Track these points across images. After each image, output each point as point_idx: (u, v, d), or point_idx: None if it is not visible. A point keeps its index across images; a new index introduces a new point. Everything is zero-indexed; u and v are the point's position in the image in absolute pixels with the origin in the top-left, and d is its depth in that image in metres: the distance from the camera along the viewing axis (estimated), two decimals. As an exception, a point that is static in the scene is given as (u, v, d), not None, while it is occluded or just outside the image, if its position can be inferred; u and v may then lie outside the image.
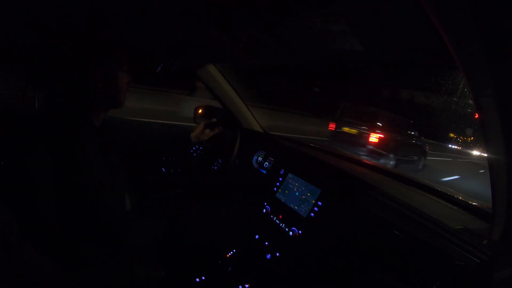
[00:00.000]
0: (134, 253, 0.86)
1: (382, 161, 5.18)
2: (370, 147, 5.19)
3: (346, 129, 5.60)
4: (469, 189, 5.35)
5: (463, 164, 10.75)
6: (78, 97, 0.76)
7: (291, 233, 1.04)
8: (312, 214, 1.01)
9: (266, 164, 1.41)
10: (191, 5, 0.71)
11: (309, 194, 1.07)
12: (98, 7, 0.75)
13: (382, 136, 5.18)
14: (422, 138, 6.86)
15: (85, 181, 0.70)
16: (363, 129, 5.36)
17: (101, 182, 0.72)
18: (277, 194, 1.20)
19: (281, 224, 1.10)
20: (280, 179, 1.23)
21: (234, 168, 1.56)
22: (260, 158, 1.48)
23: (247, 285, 1.04)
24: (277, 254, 1.05)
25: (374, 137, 5.18)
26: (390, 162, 5.32)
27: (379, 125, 5.32)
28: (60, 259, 0.66)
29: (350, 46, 0.72)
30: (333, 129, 5.85)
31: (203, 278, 1.07)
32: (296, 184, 1.15)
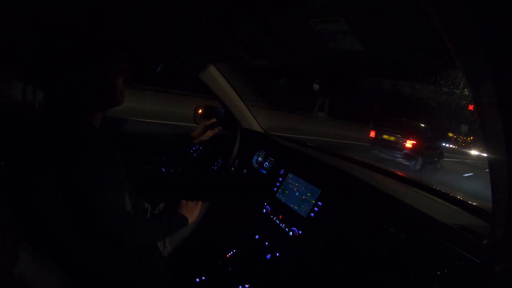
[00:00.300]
0: (134, 253, 0.86)
1: (413, 163, 6.22)
2: (406, 151, 6.19)
3: (385, 136, 6.64)
4: (468, 189, 5.36)
5: (448, 164, 8.99)
6: (78, 97, 0.76)
7: (291, 233, 1.04)
8: (312, 214, 1.02)
9: (266, 164, 1.41)
10: (191, 5, 0.71)
11: (309, 194, 1.07)
12: (98, 7, 0.75)
13: (415, 142, 6.17)
14: (440, 142, 7.63)
15: (85, 181, 0.70)
16: (399, 137, 6.40)
17: (101, 182, 0.72)
18: (277, 194, 1.20)
19: (281, 224, 1.10)
20: (280, 179, 1.23)
21: (234, 168, 1.56)
22: (260, 158, 1.48)
23: (247, 285, 1.04)
24: (277, 254, 1.05)
25: (409, 143, 6.19)
26: (419, 163, 6.29)
27: (411, 132, 6.31)
28: (60, 259, 0.66)
29: (350, 46, 0.72)
30: (373, 136, 6.94)
31: (203, 278, 1.07)
32: (296, 184, 1.15)
